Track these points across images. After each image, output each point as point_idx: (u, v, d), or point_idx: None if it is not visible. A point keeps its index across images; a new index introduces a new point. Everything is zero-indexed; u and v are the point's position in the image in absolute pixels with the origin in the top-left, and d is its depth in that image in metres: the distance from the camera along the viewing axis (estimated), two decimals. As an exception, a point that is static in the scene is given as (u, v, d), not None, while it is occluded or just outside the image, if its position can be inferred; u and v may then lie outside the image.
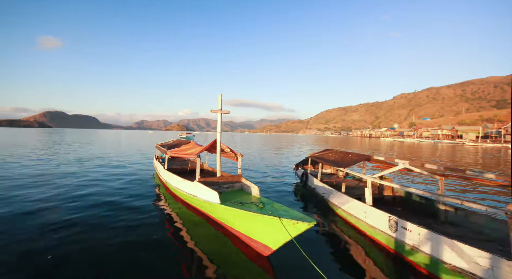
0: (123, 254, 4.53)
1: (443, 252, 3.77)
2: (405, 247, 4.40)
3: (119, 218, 6.29)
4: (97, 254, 4.50)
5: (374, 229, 5.17)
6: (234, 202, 5.47)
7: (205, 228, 5.84)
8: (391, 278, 4.07)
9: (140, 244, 4.90)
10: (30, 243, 4.84)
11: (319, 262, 3.91)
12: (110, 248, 4.73)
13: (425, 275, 4.06)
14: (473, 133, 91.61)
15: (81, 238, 5.08)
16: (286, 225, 3.89)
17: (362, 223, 5.54)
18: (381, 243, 5.06)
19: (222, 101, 7.08)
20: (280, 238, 4.16)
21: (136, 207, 7.18)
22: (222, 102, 7.07)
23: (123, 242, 4.96)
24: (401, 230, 4.50)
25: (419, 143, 72.44)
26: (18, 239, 4.98)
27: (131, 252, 4.58)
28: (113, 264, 4.19)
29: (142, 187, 9.66)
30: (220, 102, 7.08)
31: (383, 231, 4.92)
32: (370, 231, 5.33)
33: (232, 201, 5.60)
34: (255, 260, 4.46)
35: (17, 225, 5.66)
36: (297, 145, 47.75)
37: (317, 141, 73.40)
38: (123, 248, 4.73)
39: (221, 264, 4.30)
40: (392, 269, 4.34)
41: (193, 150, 7.80)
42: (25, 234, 5.23)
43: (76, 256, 4.43)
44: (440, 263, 3.79)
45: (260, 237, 4.55)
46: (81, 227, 5.68)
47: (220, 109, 7.06)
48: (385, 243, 4.93)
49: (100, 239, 5.07)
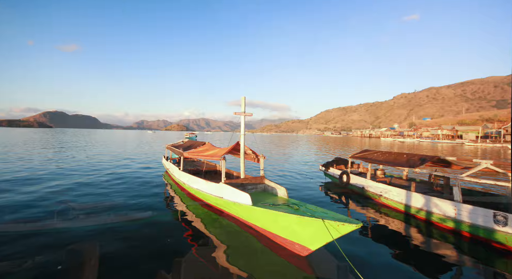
0: (153, 258, 4.60)
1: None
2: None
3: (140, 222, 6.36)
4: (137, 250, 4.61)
5: (471, 226, 5.49)
6: (266, 204, 5.56)
7: (232, 228, 5.94)
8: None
9: (166, 250, 4.85)
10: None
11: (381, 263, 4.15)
12: (141, 251, 4.74)
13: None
14: (473, 133, 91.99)
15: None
16: (330, 227, 4.01)
17: (452, 221, 5.88)
18: (482, 238, 5.38)
19: (244, 103, 7.18)
20: (321, 239, 4.28)
21: (153, 208, 7.31)
22: (245, 105, 7.17)
23: (149, 250, 4.82)
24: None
25: (419, 143, 72.59)
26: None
27: (160, 257, 4.59)
28: (149, 264, 4.28)
29: (148, 188, 9.66)
30: (243, 105, 7.18)
31: (487, 226, 5.22)
32: (465, 227, 5.63)
33: (263, 203, 5.67)
34: (292, 259, 4.57)
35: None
36: (300, 145, 47.97)
37: (319, 141, 73.64)
38: (150, 254, 4.69)
39: (256, 263, 4.43)
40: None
41: (215, 151, 7.89)
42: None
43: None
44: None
45: (299, 238, 4.64)
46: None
47: (243, 111, 7.18)
48: (488, 238, 5.26)
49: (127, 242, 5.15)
